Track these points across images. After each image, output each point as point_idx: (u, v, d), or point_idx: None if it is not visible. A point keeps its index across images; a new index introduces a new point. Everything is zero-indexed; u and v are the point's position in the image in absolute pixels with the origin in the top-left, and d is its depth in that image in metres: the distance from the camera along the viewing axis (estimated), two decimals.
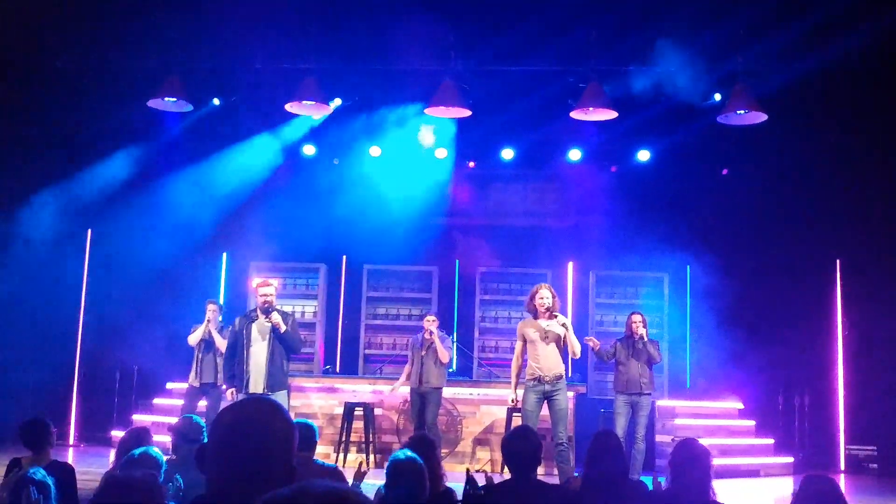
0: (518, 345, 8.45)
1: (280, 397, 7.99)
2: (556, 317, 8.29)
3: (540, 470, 7.94)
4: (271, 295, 8.17)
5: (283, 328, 8.00)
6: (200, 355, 9.79)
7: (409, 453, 4.09)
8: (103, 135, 11.85)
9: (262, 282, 8.34)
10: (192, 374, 9.83)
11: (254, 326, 8.11)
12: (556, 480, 8.01)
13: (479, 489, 4.66)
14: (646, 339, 9.36)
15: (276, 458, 1.88)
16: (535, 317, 8.35)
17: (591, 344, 9.38)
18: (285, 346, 8.09)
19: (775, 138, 11.39)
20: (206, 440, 3.55)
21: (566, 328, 8.28)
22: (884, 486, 10.57)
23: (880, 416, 11.59)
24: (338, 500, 1.39)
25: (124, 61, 10.69)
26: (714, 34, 9.82)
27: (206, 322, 9.84)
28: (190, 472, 4.66)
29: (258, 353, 8.06)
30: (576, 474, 8.51)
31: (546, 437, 8.10)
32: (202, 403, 9.77)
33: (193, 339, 9.84)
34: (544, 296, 8.31)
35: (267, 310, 8.06)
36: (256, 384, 8.01)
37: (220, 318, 10.06)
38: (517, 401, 8.62)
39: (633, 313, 9.63)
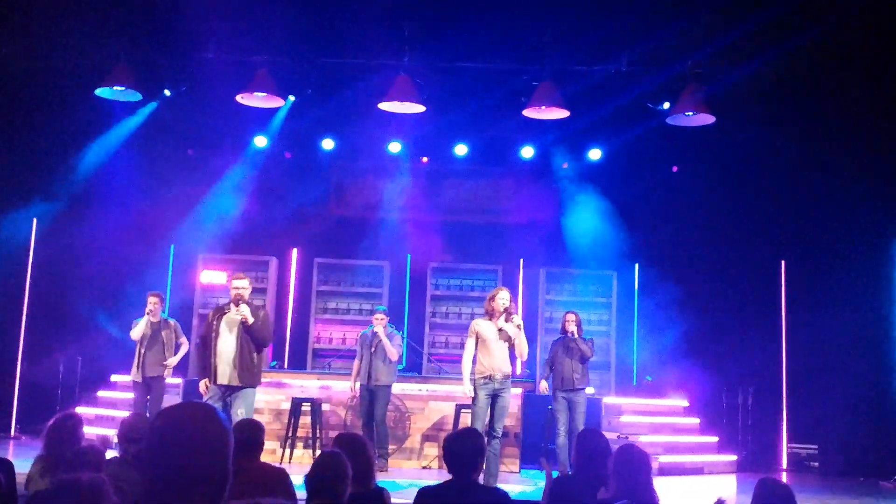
0: (471, 342, 8.43)
1: (249, 394, 7.99)
2: (511, 318, 8.36)
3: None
4: (244, 288, 8.18)
5: (249, 321, 8.00)
6: (143, 350, 9.63)
7: (335, 451, 4.08)
8: (49, 125, 11.61)
9: (236, 275, 8.36)
10: (134, 368, 9.67)
11: (224, 319, 8.08)
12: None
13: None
14: (577, 335, 9.60)
15: (210, 464, 1.86)
16: (492, 317, 8.41)
17: (542, 388, 9.79)
18: (253, 339, 8.07)
19: (724, 138, 11.55)
20: None
21: (520, 329, 8.36)
22: (825, 484, 10.74)
23: (822, 415, 11.81)
24: None
25: (72, 51, 10.45)
26: (664, 36, 9.91)
27: (146, 315, 9.70)
28: (134, 471, 4.59)
29: (226, 345, 8.03)
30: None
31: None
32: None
33: (136, 333, 9.67)
34: (504, 297, 8.42)
35: (237, 302, 8.05)
36: (223, 376, 7.97)
37: (165, 311, 9.94)
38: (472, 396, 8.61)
39: (566, 312, 9.89)
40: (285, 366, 12.50)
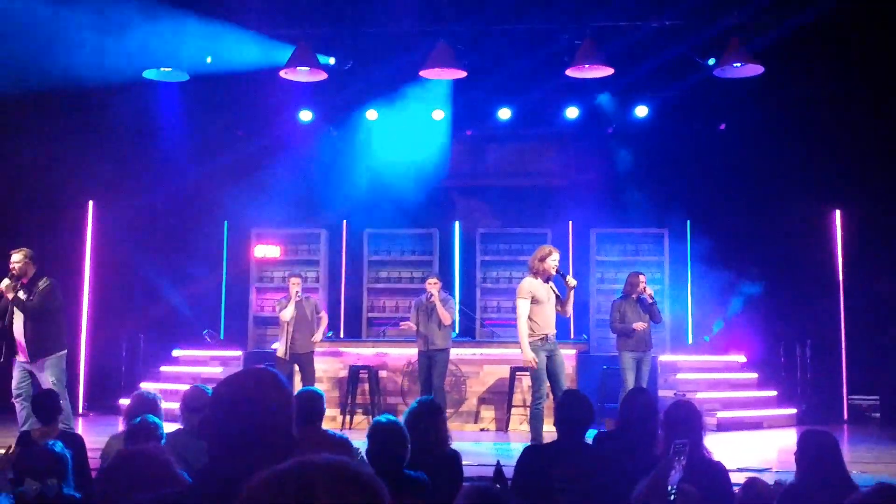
0: (526, 304, 8.13)
1: (53, 362, 7.86)
2: (566, 278, 8.34)
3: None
4: (15, 262, 7.91)
5: (9, 297, 7.85)
6: (292, 330, 10.09)
7: (391, 418, 4.20)
8: (102, 105, 11.76)
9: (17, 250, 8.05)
10: (284, 347, 10.11)
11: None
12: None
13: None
14: (653, 297, 9.60)
15: (275, 429, 1.92)
16: (537, 276, 8.33)
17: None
18: (23, 313, 7.87)
19: (772, 91, 11.32)
20: None
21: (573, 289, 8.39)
22: (887, 434, 10.61)
23: (882, 365, 11.64)
24: (337, 472, 1.39)
25: (119, 35, 10.58)
26: None
27: (293, 298, 10.14)
28: (197, 442, 4.72)
29: (17, 319, 7.94)
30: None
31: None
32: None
33: (287, 314, 10.10)
34: (556, 258, 8.33)
35: (14, 278, 7.89)
36: (21, 350, 7.91)
37: (299, 291, 10.29)
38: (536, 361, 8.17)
39: (637, 273, 9.79)
40: (341, 335, 12.69)
